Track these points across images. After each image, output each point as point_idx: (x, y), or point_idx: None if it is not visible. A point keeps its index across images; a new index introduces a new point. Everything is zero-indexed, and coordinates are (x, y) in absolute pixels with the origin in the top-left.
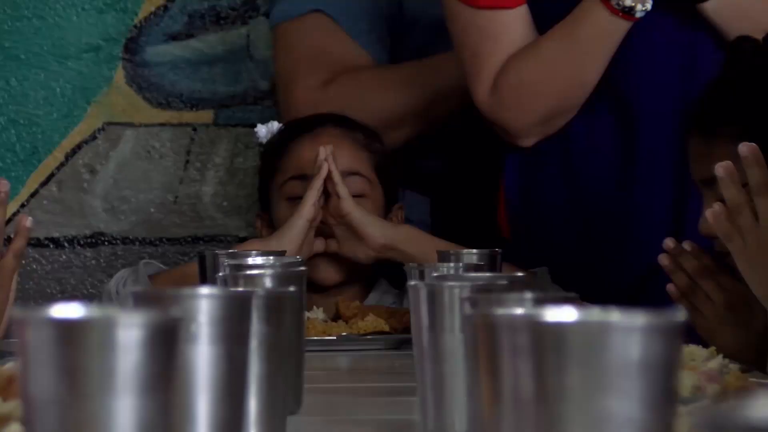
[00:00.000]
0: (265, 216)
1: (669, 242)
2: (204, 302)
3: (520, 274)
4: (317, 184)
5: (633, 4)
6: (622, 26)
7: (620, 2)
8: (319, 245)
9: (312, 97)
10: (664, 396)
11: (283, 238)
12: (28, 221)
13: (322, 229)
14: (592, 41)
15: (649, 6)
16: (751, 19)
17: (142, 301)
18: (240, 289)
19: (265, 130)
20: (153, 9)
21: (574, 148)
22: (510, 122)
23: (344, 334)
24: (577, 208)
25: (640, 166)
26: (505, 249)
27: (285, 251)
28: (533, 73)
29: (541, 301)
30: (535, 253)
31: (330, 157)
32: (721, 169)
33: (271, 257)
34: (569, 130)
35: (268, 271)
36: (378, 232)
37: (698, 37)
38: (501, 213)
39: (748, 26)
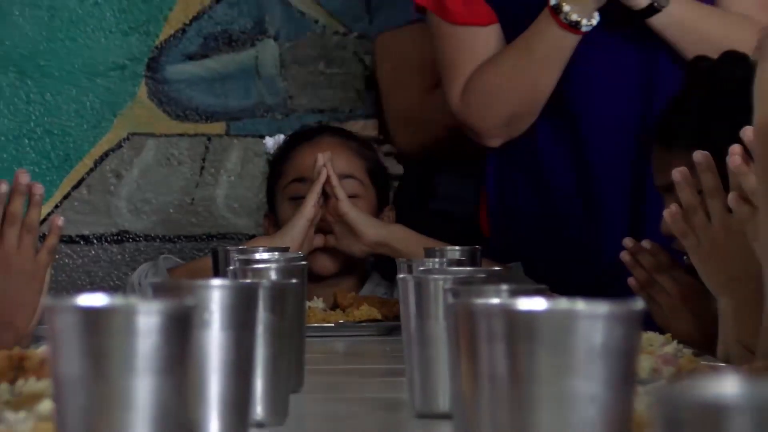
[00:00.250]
0: (271, 216)
1: (628, 241)
2: (216, 292)
3: (496, 268)
4: (317, 188)
5: (579, 19)
6: (571, 39)
7: (567, 17)
8: (319, 241)
9: (418, 101)
10: (624, 377)
11: (286, 236)
12: (60, 220)
13: (321, 225)
14: (545, 53)
15: (594, 22)
16: (700, 33)
17: (160, 291)
18: (248, 280)
19: (272, 142)
20: (172, 32)
21: (541, 158)
22: (477, 123)
23: (341, 321)
24: (547, 212)
25: (599, 176)
26: (485, 246)
27: (288, 247)
28: (495, 80)
29: (515, 293)
30: (511, 250)
31: (328, 163)
32: (678, 173)
33: (276, 253)
34: (536, 139)
35: (273, 265)
36: (372, 230)
37: (657, 55)
38: (483, 214)
39: (697, 40)
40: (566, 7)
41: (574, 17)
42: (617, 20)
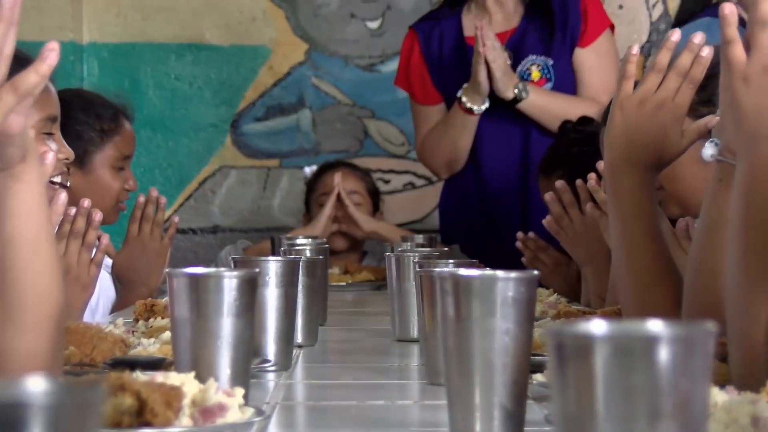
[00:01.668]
0: (307, 215)
1: (520, 234)
2: (272, 264)
3: (445, 249)
4: (333, 198)
5: (471, 106)
6: (470, 119)
7: (464, 105)
8: (335, 227)
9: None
10: (526, 317)
11: (315, 227)
12: (177, 219)
13: (336, 219)
14: (457, 126)
15: (483, 107)
16: (550, 112)
17: (238, 263)
18: (292, 256)
19: (308, 170)
20: (246, 104)
21: (466, 188)
22: (428, 165)
23: (350, 281)
24: (467, 217)
25: (495, 200)
26: (440, 235)
27: (317, 235)
28: (433, 142)
29: (457, 265)
30: (451, 238)
31: (340, 183)
32: (548, 196)
33: (309, 238)
34: (465, 175)
35: (308, 246)
36: (367, 224)
37: (531, 129)
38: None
39: (549, 116)
40: (464, 99)
41: (468, 105)
42: (501, 105)
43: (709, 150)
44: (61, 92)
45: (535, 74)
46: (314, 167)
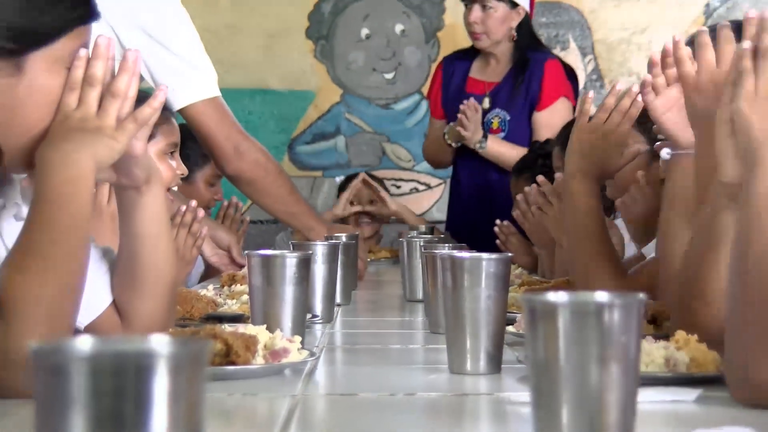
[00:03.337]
0: None
1: (498, 221)
2: (320, 247)
3: (441, 235)
4: (354, 186)
5: (450, 142)
6: (450, 148)
7: (446, 140)
8: (356, 208)
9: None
10: (503, 286)
11: (337, 208)
12: (248, 219)
13: (365, 213)
14: (441, 147)
15: (457, 144)
16: (503, 157)
17: (296, 246)
18: (333, 241)
19: (338, 180)
20: (299, 132)
21: (453, 197)
22: (426, 160)
23: (373, 258)
24: (450, 215)
25: (467, 205)
26: (445, 223)
27: (338, 214)
28: (428, 147)
29: (453, 248)
30: (452, 226)
31: (364, 177)
32: (519, 196)
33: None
34: (452, 188)
35: (344, 234)
36: (392, 204)
37: (492, 170)
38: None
39: (501, 160)
40: (446, 136)
41: (448, 141)
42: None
43: (665, 153)
44: None
45: (495, 124)
46: (343, 177)
